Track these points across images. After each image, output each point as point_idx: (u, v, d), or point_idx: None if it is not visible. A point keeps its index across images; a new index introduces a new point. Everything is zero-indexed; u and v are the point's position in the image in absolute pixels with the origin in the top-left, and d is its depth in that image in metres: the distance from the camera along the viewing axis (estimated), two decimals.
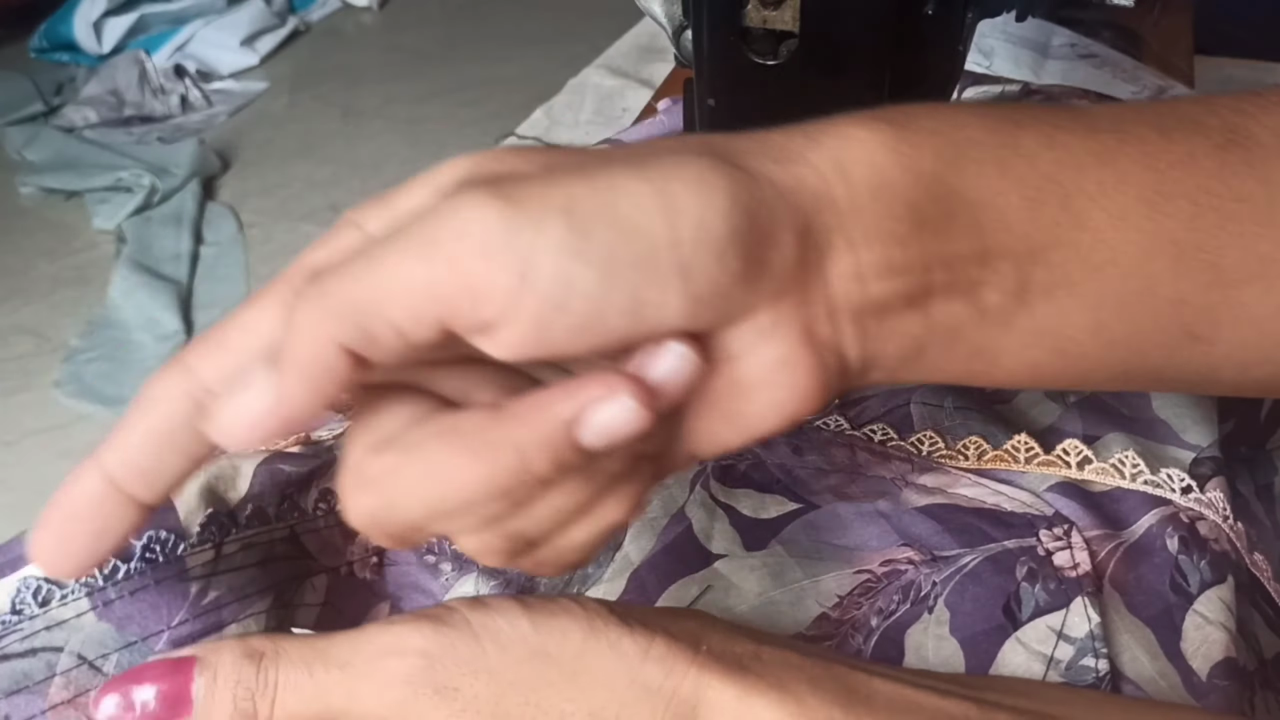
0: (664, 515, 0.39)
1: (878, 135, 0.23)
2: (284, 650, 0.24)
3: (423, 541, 0.28)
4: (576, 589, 0.37)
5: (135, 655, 0.30)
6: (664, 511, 0.39)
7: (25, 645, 0.29)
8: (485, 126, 1.15)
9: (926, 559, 0.36)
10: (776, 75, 0.31)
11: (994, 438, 0.40)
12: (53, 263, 1.68)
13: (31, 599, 0.30)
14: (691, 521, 0.38)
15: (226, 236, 1.71)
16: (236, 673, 0.24)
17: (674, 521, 0.38)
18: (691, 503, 0.39)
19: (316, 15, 2.39)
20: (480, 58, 2.16)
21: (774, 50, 0.32)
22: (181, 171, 1.81)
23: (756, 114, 0.32)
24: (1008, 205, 0.24)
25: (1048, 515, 0.37)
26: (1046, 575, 0.35)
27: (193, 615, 0.31)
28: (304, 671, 0.24)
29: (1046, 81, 0.58)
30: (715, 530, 0.38)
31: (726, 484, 0.40)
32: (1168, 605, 0.34)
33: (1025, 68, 0.58)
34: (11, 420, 1.39)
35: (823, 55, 0.31)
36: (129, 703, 0.24)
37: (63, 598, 0.30)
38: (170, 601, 0.31)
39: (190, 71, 2.14)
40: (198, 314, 1.54)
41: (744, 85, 0.32)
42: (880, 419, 0.41)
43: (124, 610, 0.30)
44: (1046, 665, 0.33)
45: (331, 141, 1.94)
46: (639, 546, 0.37)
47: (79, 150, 1.92)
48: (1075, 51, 0.59)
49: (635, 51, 0.96)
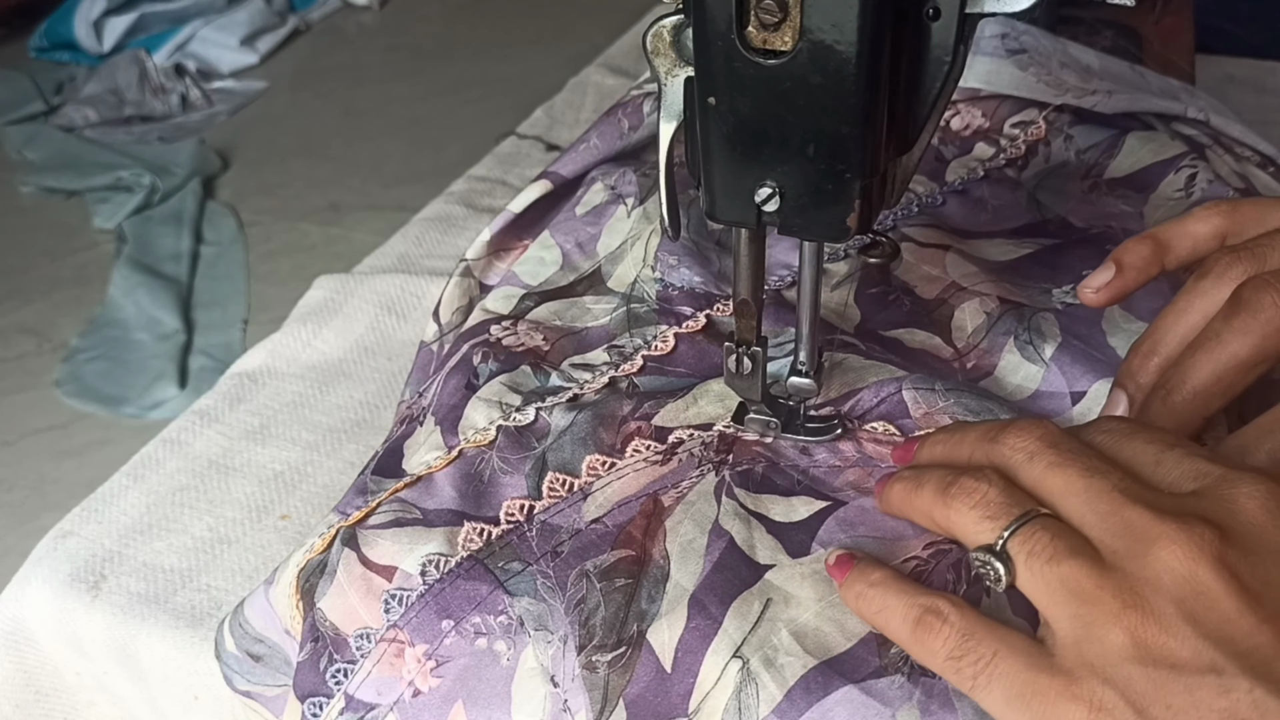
0: (701, 534, 0.38)
1: None
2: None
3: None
4: (635, 626, 0.36)
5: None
6: (700, 530, 0.38)
7: None
8: (485, 126, 1.15)
9: None
10: (777, 75, 0.31)
11: (990, 415, 0.40)
12: (53, 262, 1.68)
13: None
14: (732, 535, 0.38)
15: (227, 236, 1.71)
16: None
17: (714, 538, 0.38)
18: (724, 515, 0.38)
19: (317, 14, 2.39)
20: (480, 57, 2.16)
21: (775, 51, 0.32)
22: (182, 171, 1.81)
23: (757, 114, 0.32)
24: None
25: None
26: None
27: None
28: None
29: (972, 83, 0.57)
30: (756, 540, 0.38)
31: (750, 489, 0.39)
32: None
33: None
34: (11, 420, 1.39)
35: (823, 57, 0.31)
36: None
37: None
38: None
39: (190, 70, 2.15)
40: (198, 313, 1.54)
41: (744, 85, 0.32)
42: (875, 409, 0.42)
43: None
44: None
45: (332, 140, 1.94)
46: (688, 572, 0.37)
47: (79, 149, 1.92)
48: (1004, 45, 0.57)
49: (636, 51, 0.96)
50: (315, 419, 0.58)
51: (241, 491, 0.54)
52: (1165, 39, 0.70)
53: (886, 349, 0.45)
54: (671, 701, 0.34)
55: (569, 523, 0.39)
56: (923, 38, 0.32)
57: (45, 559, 0.51)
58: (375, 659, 0.37)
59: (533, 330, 0.48)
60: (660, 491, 0.40)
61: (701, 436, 0.42)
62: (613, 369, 0.45)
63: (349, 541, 0.40)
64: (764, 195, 0.34)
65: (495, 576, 0.38)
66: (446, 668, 0.37)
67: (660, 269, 0.50)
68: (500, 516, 0.40)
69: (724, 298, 0.48)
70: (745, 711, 0.33)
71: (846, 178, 0.33)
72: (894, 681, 0.32)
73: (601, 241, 0.53)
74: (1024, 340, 0.44)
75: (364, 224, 1.67)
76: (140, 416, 1.36)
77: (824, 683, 0.33)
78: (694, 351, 0.46)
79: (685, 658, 0.34)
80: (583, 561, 0.38)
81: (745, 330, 0.39)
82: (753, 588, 0.36)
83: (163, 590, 0.50)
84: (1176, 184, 0.52)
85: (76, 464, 1.31)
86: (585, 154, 0.59)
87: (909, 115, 0.34)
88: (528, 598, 0.37)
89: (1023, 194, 0.54)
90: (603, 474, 0.41)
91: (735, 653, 0.34)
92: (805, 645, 0.34)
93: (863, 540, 0.37)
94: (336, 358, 0.61)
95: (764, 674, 0.33)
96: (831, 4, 0.30)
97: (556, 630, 0.36)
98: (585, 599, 0.36)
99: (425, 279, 0.66)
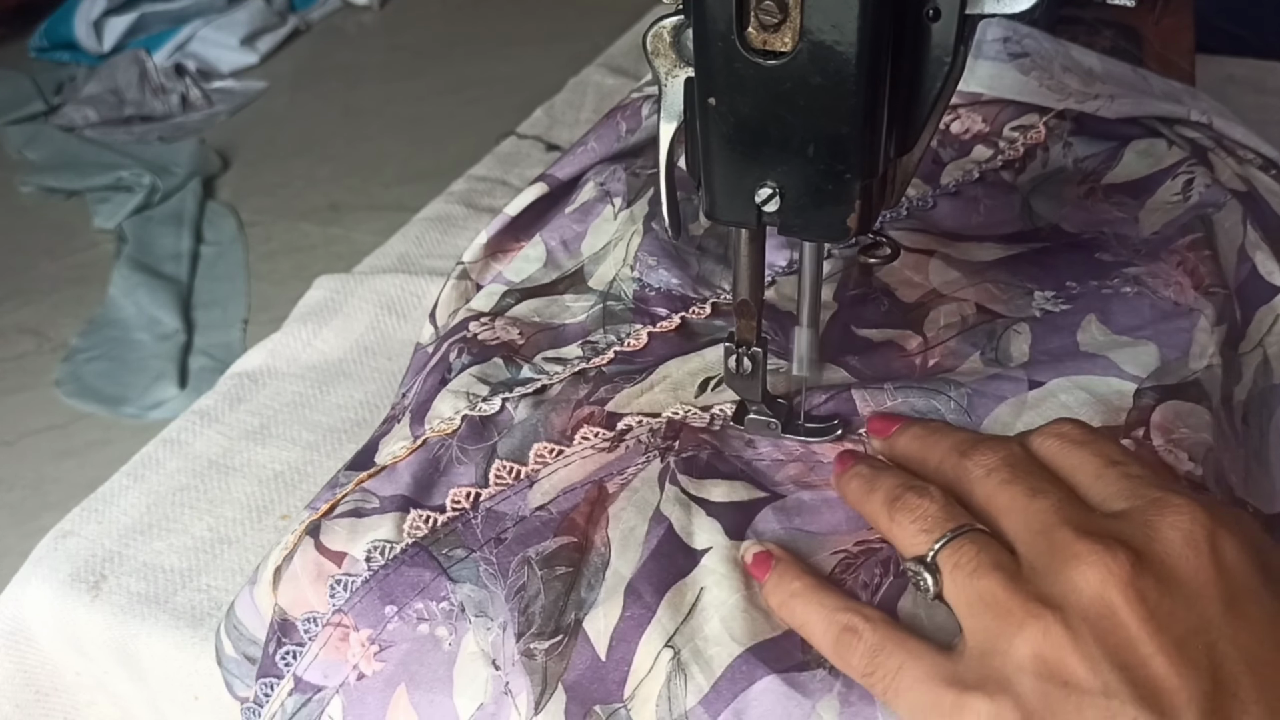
0: (642, 522, 0.38)
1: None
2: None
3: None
4: (573, 615, 0.37)
5: None
6: (641, 517, 0.39)
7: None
8: (485, 126, 1.15)
9: None
10: (777, 75, 0.31)
11: (935, 415, 0.41)
12: (53, 262, 1.68)
13: None
14: (671, 521, 0.38)
15: (227, 236, 1.71)
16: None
17: (654, 525, 0.38)
18: (666, 501, 0.39)
19: (317, 14, 2.39)
20: (480, 57, 2.15)
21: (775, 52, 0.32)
22: (182, 171, 1.81)
23: (757, 114, 0.32)
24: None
25: None
26: None
27: None
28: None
29: (974, 88, 0.56)
30: (694, 525, 0.38)
31: (694, 475, 0.40)
32: None
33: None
34: (11, 420, 1.38)
35: (824, 57, 0.31)
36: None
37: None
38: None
39: (190, 70, 2.14)
40: (198, 313, 1.54)
41: (744, 85, 0.32)
42: (822, 404, 0.42)
43: None
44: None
45: (332, 140, 1.94)
46: (626, 560, 0.37)
47: (79, 149, 1.92)
48: (1006, 49, 0.57)
49: (636, 50, 0.96)
50: (315, 419, 0.58)
51: (241, 491, 0.54)
52: (1165, 39, 0.70)
53: (852, 347, 0.46)
54: (607, 688, 0.35)
55: (514, 510, 0.40)
56: (923, 38, 0.32)
57: (45, 559, 0.51)
58: (322, 642, 0.38)
59: (509, 326, 0.49)
60: (606, 478, 0.40)
61: (650, 423, 0.42)
62: (584, 362, 0.46)
63: (312, 532, 0.41)
64: (764, 195, 0.34)
65: (439, 563, 0.39)
66: (390, 652, 0.38)
67: (639, 269, 0.50)
68: (447, 504, 0.41)
69: (700, 301, 0.49)
70: (674, 701, 0.34)
71: (846, 178, 0.33)
72: (816, 675, 0.33)
73: (586, 241, 0.54)
74: (990, 358, 0.44)
75: (364, 224, 1.67)
76: (140, 416, 1.36)
77: (749, 672, 0.34)
78: (666, 350, 0.46)
79: (620, 646, 0.35)
80: (525, 548, 0.38)
81: (745, 330, 0.39)
82: (688, 576, 0.37)
83: (163, 590, 0.50)
84: (1174, 189, 0.52)
85: (76, 464, 1.30)
86: (582, 157, 0.59)
87: (909, 116, 0.34)
88: (470, 584, 0.38)
89: (1017, 198, 0.53)
90: (550, 461, 0.41)
91: (667, 642, 0.35)
92: (733, 632, 0.35)
93: (796, 533, 0.38)
94: (336, 358, 0.61)
95: (693, 665, 0.34)
96: (831, 4, 0.30)
97: (496, 617, 0.37)
98: (525, 586, 0.37)
99: (425, 279, 0.66)
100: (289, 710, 0.38)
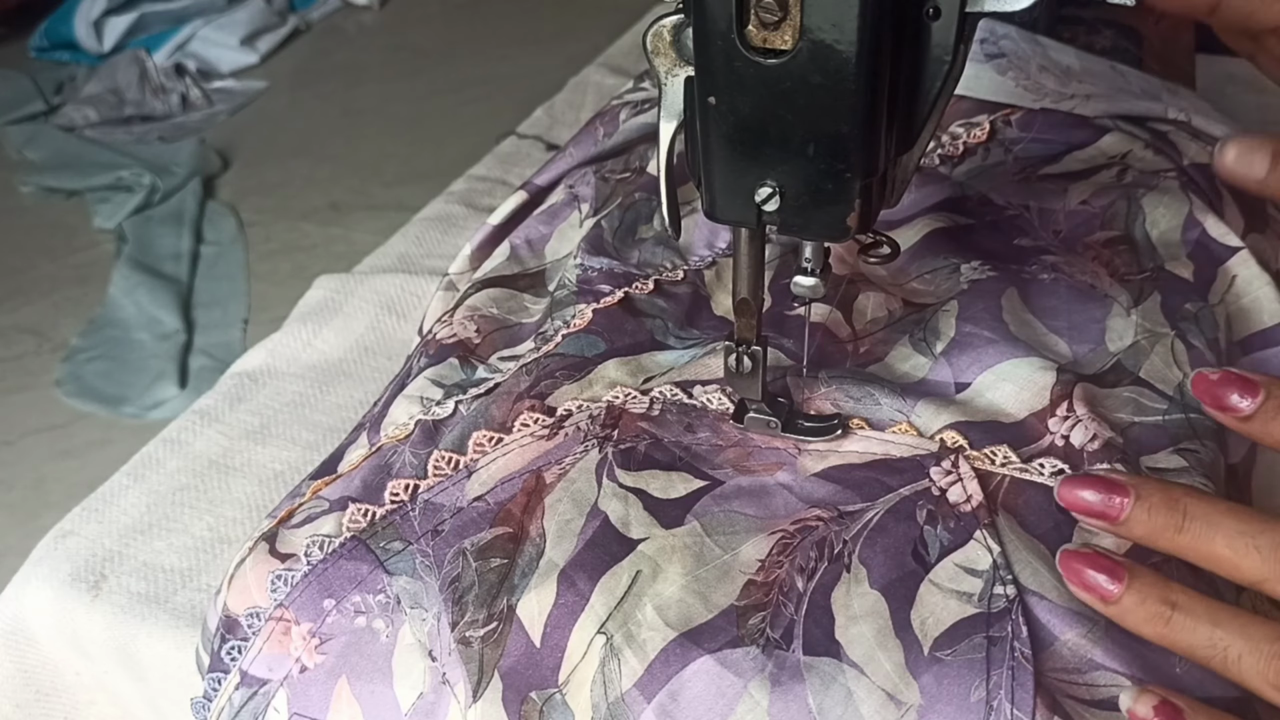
0: (579, 515, 0.39)
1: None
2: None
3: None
4: (506, 600, 0.37)
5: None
6: (578, 512, 0.39)
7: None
8: (485, 126, 1.15)
9: (834, 515, 0.38)
10: (777, 74, 0.31)
11: (870, 399, 0.41)
12: (53, 262, 1.68)
13: None
14: (608, 514, 0.39)
15: (227, 235, 1.71)
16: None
17: (591, 519, 0.39)
18: (604, 496, 0.39)
19: (317, 14, 2.39)
20: (480, 57, 2.15)
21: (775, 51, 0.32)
22: (182, 170, 1.81)
23: (757, 113, 0.32)
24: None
25: (934, 451, 0.39)
26: (944, 515, 0.37)
27: None
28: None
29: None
30: (631, 517, 0.38)
31: (630, 469, 0.40)
32: (1056, 522, 0.37)
33: None
34: (11, 420, 1.39)
35: (824, 56, 0.31)
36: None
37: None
38: None
39: (190, 70, 2.14)
40: (198, 313, 1.54)
41: (744, 85, 0.32)
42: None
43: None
44: (961, 600, 0.35)
45: (332, 140, 1.94)
46: (561, 550, 0.38)
47: (79, 149, 1.92)
48: (983, 50, 0.57)
49: (636, 51, 0.96)
50: (315, 419, 0.58)
51: (241, 491, 0.54)
52: (1165, 39, 0.70)
53: (786, 329, 0.46)
54: (542, 674, 0.35)
55: (452, 501, 0.40)
56: (923, 37, 0.32)
57: (45, 559, 0.51)
58: (265, 636, 0.39)
59: (467, 320, 0.49)
60: (544, 468, 0.41)
61: (590, 408, 0.42)
62: (535, 353, 0.46)
63: (269, 539, 0.41)
64: (764, 195, 0.34)
65: (376, 556, 0.39)
66: (330, 645, 0.38)
67: (580, 255, 0.51)
68: (385, 497, 0.41)
69: (643, 278, 0.49)
70: (609, 684, 0.34)
71: (846, 177, 0.33)
72: (749, 653, 0.34)
73: (550, 245, 0.54)
74: (919, 338, 0.45)
75: (364, 224, 1.67)
76: (140, 416, 1.36)
77: (682, 654, 0.34)
78: (609, 323, 0.47)
79: (554, 633, 0.36)
80: (461, 540, 0.39)
81: (745, 329, 0.39)
82: (622, 561, 0.37)
83: (163, 590, 0.50)
84: (1109, 175, 0.52)
85: (76, 464, 1.31)
86: (561, 164, 0.60)
87: (909, 115, 0.34)
88: (405, 576, 0.39)
89: (948, 185, 0.54)
90: (489, 450, 0.42)
91: (600, 628, 0.35)
92: (667, 619, 0.35)
93: (735, 515, 0.38)
94: (336, 357, 0.61)
95: (626, 649, 0.35)
96: (831, 3, 0.30)
97: (431, 608, 0.38)
98: (460, 577, 0.38)
99: (425, 279, 0.66)
100: (236, 704, 0.39)
